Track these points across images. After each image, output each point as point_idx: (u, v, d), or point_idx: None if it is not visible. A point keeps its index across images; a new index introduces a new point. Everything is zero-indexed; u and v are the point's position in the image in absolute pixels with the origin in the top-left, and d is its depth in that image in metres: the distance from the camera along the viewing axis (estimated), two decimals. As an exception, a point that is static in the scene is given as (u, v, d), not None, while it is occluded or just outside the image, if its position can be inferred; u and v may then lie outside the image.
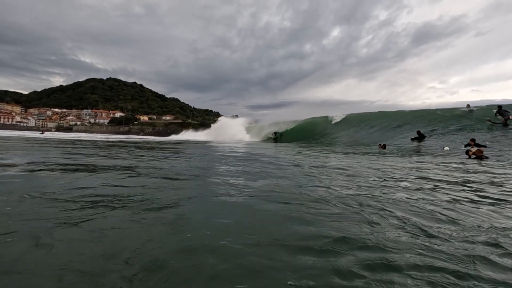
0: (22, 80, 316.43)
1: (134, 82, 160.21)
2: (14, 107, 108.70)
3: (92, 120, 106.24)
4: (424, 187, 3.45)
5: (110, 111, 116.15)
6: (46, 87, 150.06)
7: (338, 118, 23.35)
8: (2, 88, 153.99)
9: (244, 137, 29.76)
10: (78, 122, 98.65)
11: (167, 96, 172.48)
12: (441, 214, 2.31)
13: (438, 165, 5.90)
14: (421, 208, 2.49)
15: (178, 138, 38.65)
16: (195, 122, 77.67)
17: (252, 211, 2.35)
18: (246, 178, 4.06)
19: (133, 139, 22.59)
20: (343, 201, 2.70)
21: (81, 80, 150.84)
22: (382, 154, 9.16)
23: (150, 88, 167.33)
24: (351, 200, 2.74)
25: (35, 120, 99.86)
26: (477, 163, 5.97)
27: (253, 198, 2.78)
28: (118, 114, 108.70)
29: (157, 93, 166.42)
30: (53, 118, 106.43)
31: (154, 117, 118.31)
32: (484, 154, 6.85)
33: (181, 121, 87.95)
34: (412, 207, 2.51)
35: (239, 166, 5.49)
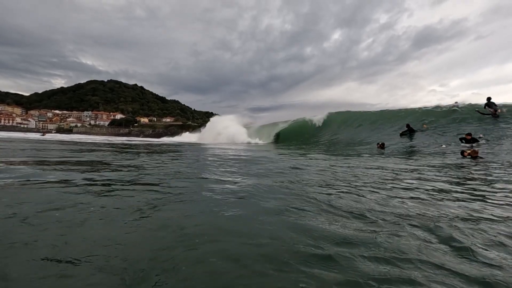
0: (23, 81, 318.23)
1: (135, 84, 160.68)
2: (15, 109, 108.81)
3: (92, 122, 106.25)
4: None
5: (111, 113, 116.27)
6: (47, 89, 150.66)
7: (320, 121, 21.94)
8: (4, 89, 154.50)
9: (244, 138, 25.25)
10: (79, 124, 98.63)
11: (168, 98, 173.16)
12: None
13: (440, 171, 5.68)
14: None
15: (172, 140, 37.63)
16: (195, 124, 77.59)
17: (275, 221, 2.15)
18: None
19: (119, 141, 22.19)
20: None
21: (82, 82, 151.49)
22: (380, 155, 8.94)
23: (151, 90, 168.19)
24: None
25: (36, 121, 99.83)
26: (473, 164, 5.74)
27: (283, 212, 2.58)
28: (119, 116, 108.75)
29: (157, 95, 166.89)
30: (53, 119, 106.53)
31: (155, 119, 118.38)
32: (479, 155, 6.68)
33: (181, 123, 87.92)
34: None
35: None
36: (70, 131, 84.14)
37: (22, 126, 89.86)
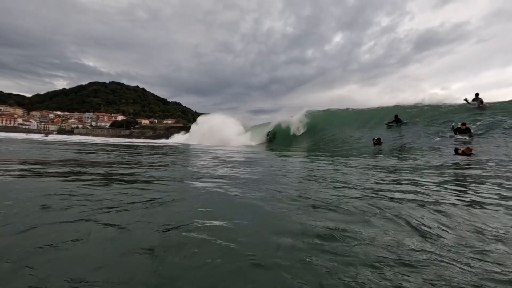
0: (25, 83, 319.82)
1: (137, 86, 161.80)
2: (17, 110, 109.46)
3: (94, 123, 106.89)
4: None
5: (112, 114, 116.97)
6: (49, 90, 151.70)
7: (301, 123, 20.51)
8: (6, 90, 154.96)
9: (241, 140, 22.64)
10: (80, 125, 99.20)
11: (169, 100, 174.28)
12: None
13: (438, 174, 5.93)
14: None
15: (165, 142, 36.48)
16: (196, 126, 77.59)
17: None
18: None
19: (112, 142, 22.38)
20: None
21: (84, 83, 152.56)
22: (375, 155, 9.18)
23: (152, 92, 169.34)
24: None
25: (37, 122, 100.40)
26: (466, 163, 5.92)
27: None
28: (120, 118, 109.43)
29: (159, 97, 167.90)
30: (55, 121, 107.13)
31: (156, 120, 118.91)
32: (472, 152, 7.01)
33: (182, 125, 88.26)
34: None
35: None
36: (71, 132, 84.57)
37: (24, 127, 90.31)
